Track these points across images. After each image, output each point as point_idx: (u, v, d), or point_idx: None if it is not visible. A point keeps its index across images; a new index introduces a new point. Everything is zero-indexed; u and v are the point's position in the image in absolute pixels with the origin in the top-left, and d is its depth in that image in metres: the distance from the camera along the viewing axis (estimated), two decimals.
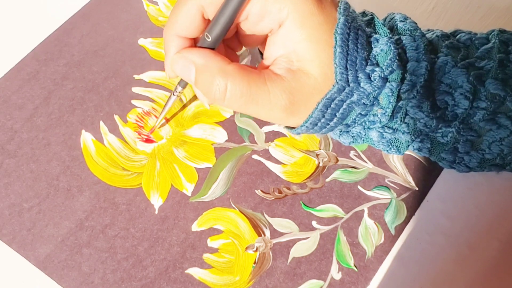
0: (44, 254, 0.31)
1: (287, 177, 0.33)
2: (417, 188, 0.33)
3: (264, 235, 0.31)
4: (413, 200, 0.32)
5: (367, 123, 0.28)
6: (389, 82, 0.26)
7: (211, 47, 0.27)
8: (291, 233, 0.32)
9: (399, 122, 0.28)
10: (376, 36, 0.27)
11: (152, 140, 0.34)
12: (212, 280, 0.30)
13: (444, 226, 0.31)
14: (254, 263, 0.31)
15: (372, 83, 0.26)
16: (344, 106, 0.27)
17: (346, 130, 0.29)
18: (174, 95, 0.32)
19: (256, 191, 0.33)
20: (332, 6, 0.26)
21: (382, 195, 0.33)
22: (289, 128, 0.29)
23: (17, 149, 0.34)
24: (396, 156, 0.34)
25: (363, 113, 0.27)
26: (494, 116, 0.28)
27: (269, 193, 0.33)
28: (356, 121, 0.28)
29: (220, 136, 0.35)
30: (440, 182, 0.33)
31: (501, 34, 0.29)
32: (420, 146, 0.30)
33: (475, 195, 0.32)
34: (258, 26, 0.27)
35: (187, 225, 0.32)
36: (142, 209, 0.32)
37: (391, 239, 0.31)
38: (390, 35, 0.27)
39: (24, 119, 0.35)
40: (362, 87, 0.26)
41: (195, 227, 0.32)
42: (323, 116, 0.27)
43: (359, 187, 0.33)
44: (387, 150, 0.30)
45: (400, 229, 0.32)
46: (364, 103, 0.27)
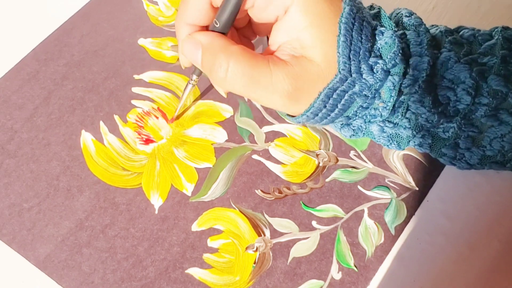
0: (44, 254, 0.31)
1: (287, 177, 0.33)
2: (417, 188, 0.33)
3: (264, 235, 0.31)
4: (413, 200, 0.32)
5: (368, 117, 0.28)
6: (391, 76, 0.26)
7: (221, 33, 0.27)
8: (291, 233, 0.32)
9: (400, 117, 0.28)
10: (381, 29, 0.27)
11: (152, 140, 0.34)
12: (212, 280, 0.30)
13: (444, 226, 0.31)
14: (254, 263, 0.31)
15: (375, 75, 0.26)
16: (346, 97, 0.27)
17: (347, 123, 0.29)
18: (190, 84, 0.32)
19: (256, 191, 0.33)
20: None
21: (382, 195, 0.33)
22: (290, 116, 0.29)
23: (17, 149, 0.34)
24: (396, 156, 0.34)
25: (365, 106, 0.27)
26: (496, 112, 0.28)
27: (269, 193, 0.33)
28: (357, 114, 0.28)
29: (220, 136, 0.35)
30: (440, 182, 0.33)
31: (505, 31, 0.29)
32: (421, 142, 0.30)
33: (475, 195, 0.32)
34: (265, 13, 0.27)
35: (187, 225, 0.32)
36: (142, 209, 0.32)
37: (391, 239, 0.31)
38: (395, 29, 0.27)
39: (24, 119, 0.35)
40: (364, 79, 0.26)
41: (195, 227, 0.32)
42: (325, 107, 0.27)
43: (359, 187, 0.33)
44: (388, 145, 0.30)
45: (400, 229, 0.32)
46: (366, 95, 0.27)
